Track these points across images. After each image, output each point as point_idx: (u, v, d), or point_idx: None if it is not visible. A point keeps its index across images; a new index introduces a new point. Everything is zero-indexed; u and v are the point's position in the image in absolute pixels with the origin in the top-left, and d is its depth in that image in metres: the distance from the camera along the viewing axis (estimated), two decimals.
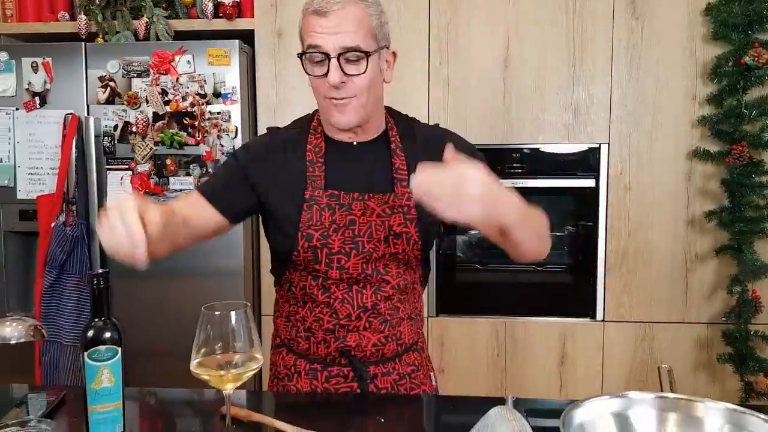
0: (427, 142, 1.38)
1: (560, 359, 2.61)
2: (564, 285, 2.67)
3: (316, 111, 1.40)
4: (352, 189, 1.33)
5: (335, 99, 1.27)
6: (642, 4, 2.52)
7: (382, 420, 1.24)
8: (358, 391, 1.38)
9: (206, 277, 2.58)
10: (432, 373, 1.50)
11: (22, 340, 1.08)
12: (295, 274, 1.37)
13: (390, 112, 1.43)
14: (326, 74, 1.24)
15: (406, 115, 1.46)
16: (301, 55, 1.28)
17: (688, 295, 2.58)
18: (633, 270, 2.59)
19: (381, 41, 1.28)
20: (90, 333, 1.08)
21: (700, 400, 1.04)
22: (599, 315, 2.62)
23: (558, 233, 2.66)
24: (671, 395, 1.07)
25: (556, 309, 2.63)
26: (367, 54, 1.24)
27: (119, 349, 1.10)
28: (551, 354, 2.62)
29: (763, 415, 0.98)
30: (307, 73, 1.29)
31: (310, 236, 1.31)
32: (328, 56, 1.23)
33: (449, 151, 1.06)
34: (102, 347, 1.08)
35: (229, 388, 1.06)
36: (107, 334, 1.08)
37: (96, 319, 1.09)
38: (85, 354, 1.08)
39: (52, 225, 2.47)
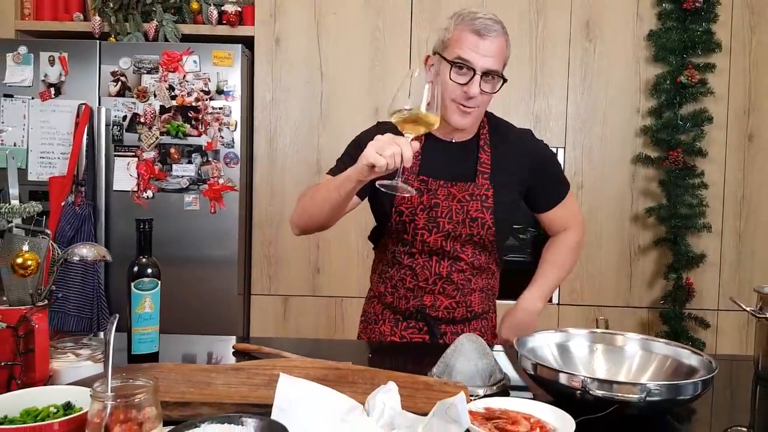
0: (517, 144, 1.62)
1: None
2: (524, 272, 2.93)
3: None
4: (439, 177, 1.56)
5: (464, 105, 1.48)
6: (594, 28, 2.91)
7: (370, 355, 1.49)
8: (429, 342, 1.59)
9: (203, 266, 2.84)
10: (494, 341, 1.68)
11: (97, 259, 1.32)
12: (389, 241, 1.62)
13: (487, 114, 1.63)
14: (466, 83, 1.46)
15: (501, 119, 1.67)
16: (450, 62, 1.47)
17: (632, 281, 2.93)
18: (585, 259, 2.93)
19: (504, 69, 1.53)
20: (135, 268, 1.33)
21: (620, 333, 1.34)
22: (555, 299, 2.95)
23: (519, 227, 2.99)
24: (599, 331, 1.37)
25: (518, 293, 2.92)
26: (502, 78, 1.49)
27: (159, 282, 1.35)
28: None
29: (663, 340, 1.30)
30: (450, 78, 1.47)
31: (401, 212, 1.56)
32: (473, 71, 1.45)
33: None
34: (146, 279, 1.33)
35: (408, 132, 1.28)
36: (149, 270, 1.34)
37: (141, 257, 1.35)
38: (132, 284, 1.33)
39: (62, 204, 2.69)
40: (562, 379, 1.10)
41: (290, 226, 1.61)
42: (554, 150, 2.87)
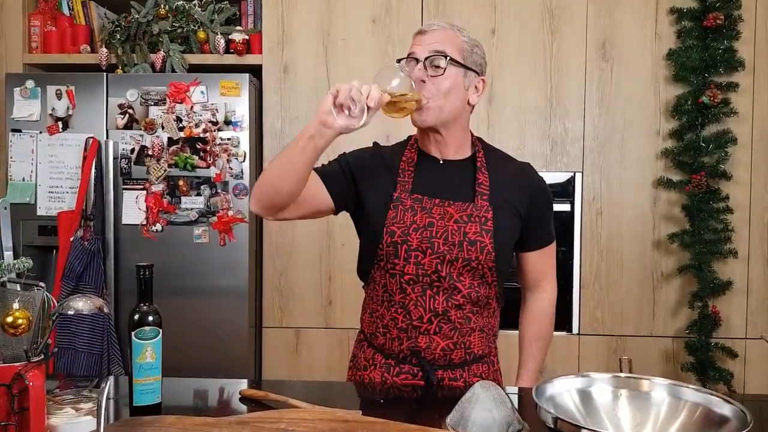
0: (518, 173, 1.57)
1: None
2: None
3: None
4: (434, 195, 1.49)
5: None
6: (611, 48, 2.83)
7: (381, 401, 1.42)
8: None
9: (213, 299, 2.78)
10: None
11: (93, 312, 1.27)
12: (378, 273, 1.52)
13: (481, 141, 1.60)
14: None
15: (494, 147, 1.63)
16: (399, 61, 1.50)
17: (655, 310, 2.82)
18: (605, 287, 2.83)
19: (469, 63, 1.48)
20: (136, 316, 1.27)
21: (646, 378, 1.25)
22: (575, 328, 2.85)
23: None
24: (623, 375, 1.28)
25: None
26: (450, 58, 1.44)
27: (160, 331, 1.29)
28: None
29: (693, 386, 1.21)
30: None
31: (392, 232, 1.46)
32: (418, 61, 1.45)
33: None
34: (147, 328, 1.27)
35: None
36: (151, 318, 1.28)
37: (141, 304, 1.29)
38: (133, 333, 1.27)
39: (71, 239, 2.65)
40: None
41: (250, 204, 1.53)
42: (571, 174, 2.84)
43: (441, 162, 1.54)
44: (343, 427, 1.17)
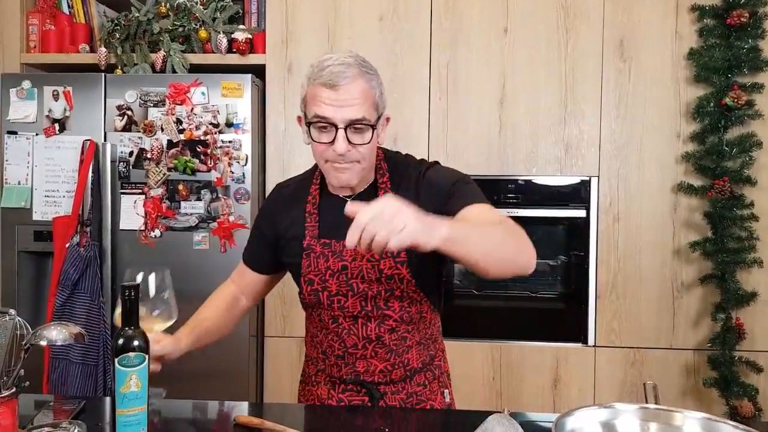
0: (419, 182, 1.42)
1: (553, 382, 2.70)
2: (557, 311, 2.78)
3: None
4: (342, 237, 1.34)
5: (337, 164, 1.34)
6: (629, 47, 2.70)
7: (387, 430, 1.32)
8: (370, 404, 1.48)
9: None
10: (447, 390, 1.56)
11: (67, 342, 1.18)
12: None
13: (385, 156, 1.48)
14: (332, 142, 1.31)
15: (400, 154, 1.51)
16: (308, 123, 1.35)
17: (675, 321, 2.69)
18: (622, 297, 2.70)
19: (381, 110, 1.37)
20: (120, 341, 1.17)
21: (678, 411, 1.14)
22: (591, 340, 2.72)
23: (551, 262, 2.78)
24: (652, 406, 1.17)
25: (550, 334, 2.73)
26: (372, 126, 1.33)
27: (146, 357, 1.19)
28: (545, 377, 2.71)
29: (732, 422, 1.09)
30: (312, 139, 1.35)
31: (311, 281, 1.44)
32: (335, 126, 1.31)
33: (349, 207, 1.10)
34: (131, 354, 1.16)
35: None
36: (135, 342, 1.17)
37: (126, 328, 1.18)
38: (116, 360, 1.17)
39: (67, 245, 2.56)
40: None
41: None
42: (587, 179, 2.72)
43: (347, 198, 1.46)
44: None
